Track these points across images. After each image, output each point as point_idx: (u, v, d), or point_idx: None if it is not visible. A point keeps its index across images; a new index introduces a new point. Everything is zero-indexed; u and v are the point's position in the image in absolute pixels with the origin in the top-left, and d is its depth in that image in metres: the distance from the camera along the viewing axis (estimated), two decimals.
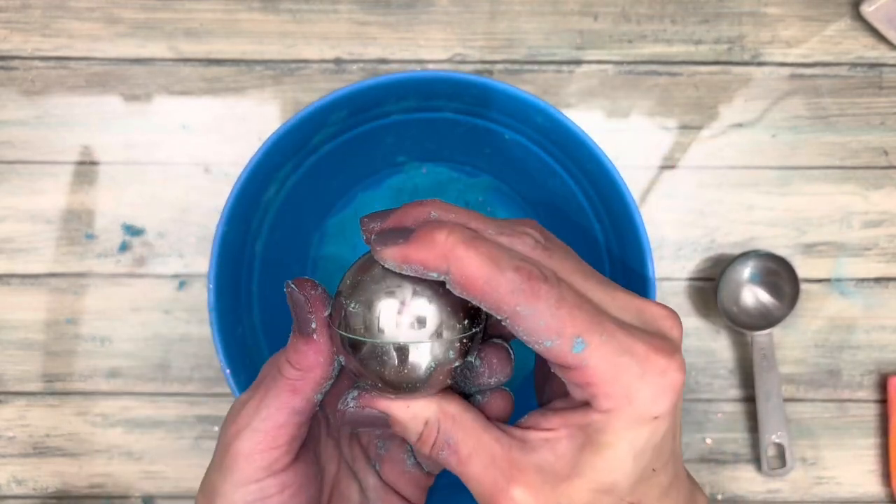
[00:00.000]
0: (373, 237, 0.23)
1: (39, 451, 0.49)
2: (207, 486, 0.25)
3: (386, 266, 0.22)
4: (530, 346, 0.22)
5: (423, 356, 0.22)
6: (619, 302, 0.23)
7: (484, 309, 0.22)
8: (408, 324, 0.22)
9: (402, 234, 0.22)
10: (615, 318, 0.22)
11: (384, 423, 0.24)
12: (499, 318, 0.22)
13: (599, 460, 0.22)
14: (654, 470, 0.23)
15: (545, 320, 0.21)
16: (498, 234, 0.23)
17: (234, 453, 0.24)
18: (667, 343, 0.22)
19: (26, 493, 0.49)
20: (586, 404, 0.22)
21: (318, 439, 0.28)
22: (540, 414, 0.24)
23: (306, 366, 0.24)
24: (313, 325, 0.24)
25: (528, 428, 0.23)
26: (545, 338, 0.21)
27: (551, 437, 0.23)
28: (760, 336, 0.48)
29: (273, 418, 0.24)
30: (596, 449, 0.22)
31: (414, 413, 0.24)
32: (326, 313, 0.24)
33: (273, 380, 0.25)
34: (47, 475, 0.49)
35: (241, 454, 0.24)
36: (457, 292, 0.22)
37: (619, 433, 0.22)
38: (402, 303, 0.22)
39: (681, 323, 0.24)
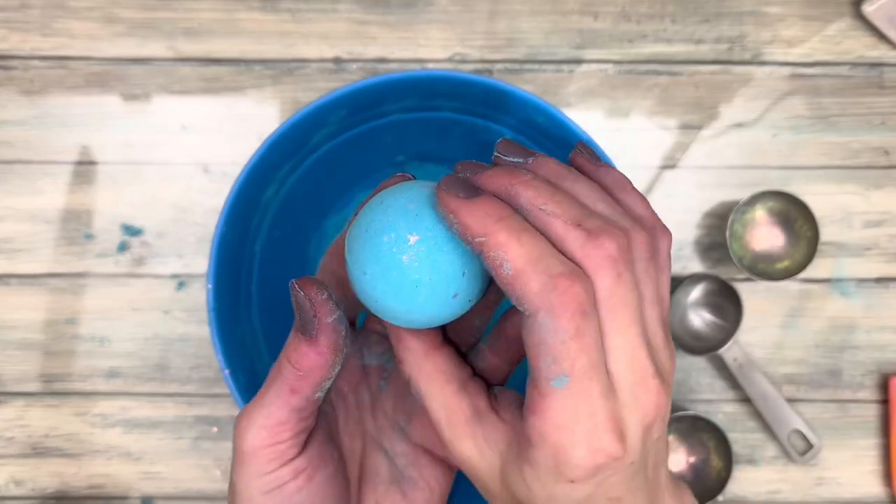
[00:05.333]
0: (449, 177, 0.23)
1: (38, 451, 0.49)
2: (230, 485, 0.27)
3: (438, 209, 0.23)
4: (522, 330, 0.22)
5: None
6: (630, 357, 0.21)
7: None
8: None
9: (468, 192, 0.22)
10: (610, 371, 0.21)
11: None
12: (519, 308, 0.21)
13: (519, 481, 0.22)
14: None
15: (554, 341, 0.20)
16: (576, 223, 0.21)
17: (243, 451, 0.25)
18: (630, 425, 0.21)
19: (25, 494, 0.49)
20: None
21: (335, 421, 0.29)
22: (512, 400, 0.24)
23: (306, 367, 0.24)
24: (316, 328, 0.24)
25: (494, 407, 0.24)
26: (542, 353, 0.20)
27: (500, 429, 0.23)
28: (725, 352, 0.48)
29: (275, 416, 0.25)
30: (518, 470, 0.22)
31: (402, 348, 0.25)
32: (330, 319, 0.24)
33: (273, 378, 0.25)
34: (46, 476, 0.49)
35: (249, 451, 0.25)
36: (490, 272, 0.22)
37: (540, 475, 0.22)
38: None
39: (662, 405, 0.22)
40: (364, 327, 0.30)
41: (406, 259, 0.22)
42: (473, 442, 0.23)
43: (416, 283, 0.23)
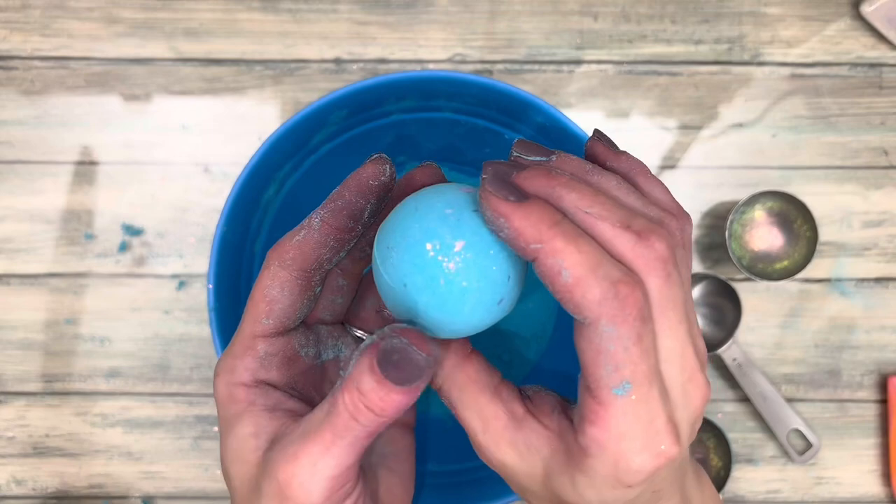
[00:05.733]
0: (489, 177, 0.21)
1: (39, 451, 0.49)
2: None
3: (483, 213, 0.21)
4: (576, 339, 0.21)
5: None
6: (680, 357, 0.22)
7: (561, 303, 0.21)
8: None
9: (515, 195, 0.21)
10: (662, 374, 0.21)
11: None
12: (575, 317, 0.21)
13: (569, 488, 0.22)
14: None
15: (616, 348, 0.20)
16: (625, 226, 0.21)
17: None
18: (682, 424, 0.22)
19: (26, 494, 0.49)
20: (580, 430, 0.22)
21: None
22: (552, 405, 0.23)
23: (391, 413, 0.22)
24: (420, 380, 0.22)
25: (532, 412, 0.23)
26: (603, 361, 0.20)
27: (543, 435, 0.23)
28: (724, 352, 0.48)
29: (344, 462, 0.23)
30: (569, 478, 0.22)
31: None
32: (433, 368, 0.22)
33: (334, 419, 0.23)
34: (47, 475, 0.49)
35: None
36: (542, 279, 0.21)
37: (595, 483, 0.21)
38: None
39: (708, 397, 0.23)
40: (310, 321, 0.28)
41: (453, 267, 0.21)
42: (513, 448, 0.23)
43: (464, 292, 0.21)
